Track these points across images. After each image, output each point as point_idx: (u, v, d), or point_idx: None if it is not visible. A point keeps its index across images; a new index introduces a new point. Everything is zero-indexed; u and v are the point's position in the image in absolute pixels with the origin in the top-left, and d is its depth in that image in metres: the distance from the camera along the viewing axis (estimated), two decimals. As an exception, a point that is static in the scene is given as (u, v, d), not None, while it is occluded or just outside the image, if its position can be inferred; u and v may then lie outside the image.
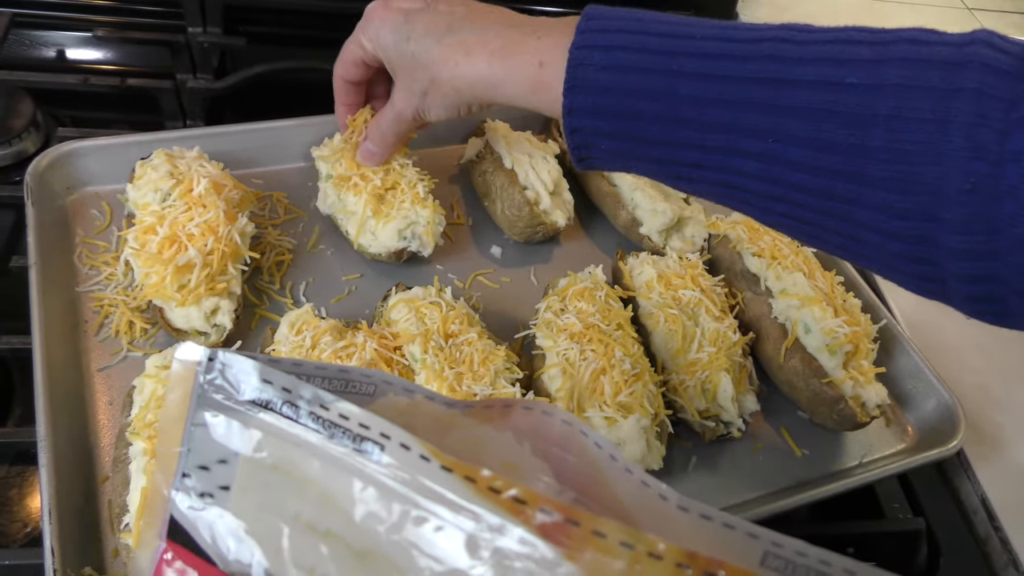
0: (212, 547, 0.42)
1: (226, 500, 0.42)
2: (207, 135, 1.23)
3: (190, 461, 0.43)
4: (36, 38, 1.51)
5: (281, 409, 0.42)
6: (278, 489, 0.42)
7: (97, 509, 0.90)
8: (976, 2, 2.15)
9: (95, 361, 1.02)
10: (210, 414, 0.43)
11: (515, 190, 1.20)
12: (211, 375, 0.43)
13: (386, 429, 0.41)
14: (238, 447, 0.43)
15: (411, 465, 0.40)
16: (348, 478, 0.41)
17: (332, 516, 0.41)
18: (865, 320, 1.11)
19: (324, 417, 0.42)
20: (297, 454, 0.42)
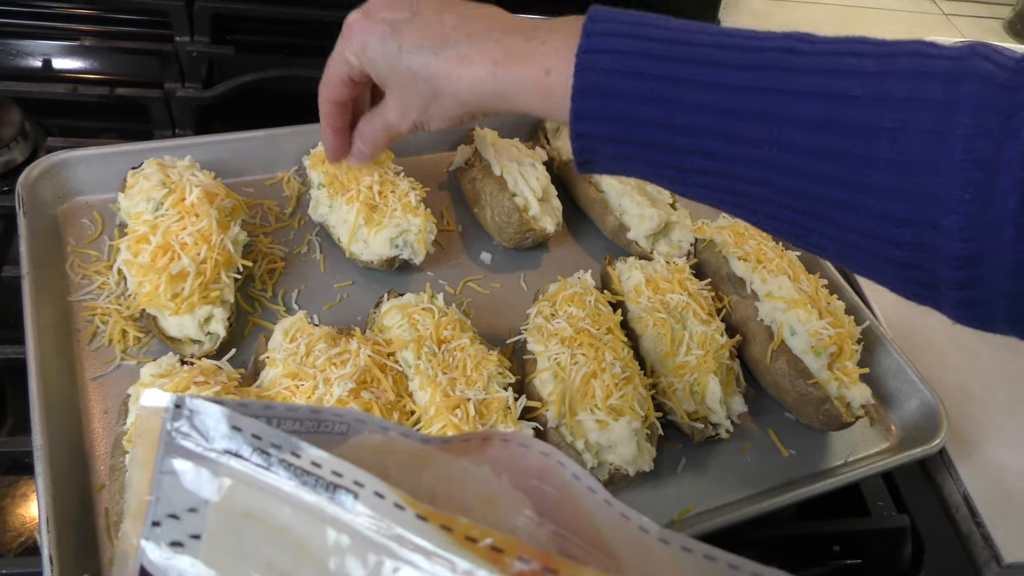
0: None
1: (197, 549, 0.41)
2: (198, 144, 1.24)
3: (159, 509, 0.42)
4: (23, 48, 1.50)
5: (251, 457, 0.41)
6: (250, 537, 0.41)
7: (94, 518, 0.90)
8: (953, 8, 2.19)
9: (89, 370, 1.02)
10: (178, 462, 0.42)
11: (504, 197, 1.22)
12: (178, 422, 0.42)
13: (359, 477, 0.40)
14: (208, 495, 0.42)
15: (386, 514, 0.39)
16: (322, 527, 0.40)
17: (306, 565, 0.40)
18: (849, 322, 1.13)
19: (296, 464, 0.41)
20: (269, 502, 0.41)
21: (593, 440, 0.97)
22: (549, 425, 0.98)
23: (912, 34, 1.94)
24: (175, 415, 0.42)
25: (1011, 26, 2.12)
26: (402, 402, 0.97)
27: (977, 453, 1.18)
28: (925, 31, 2.02)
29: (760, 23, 1.96)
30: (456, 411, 0.93)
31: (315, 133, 1.27)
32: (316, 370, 0.95)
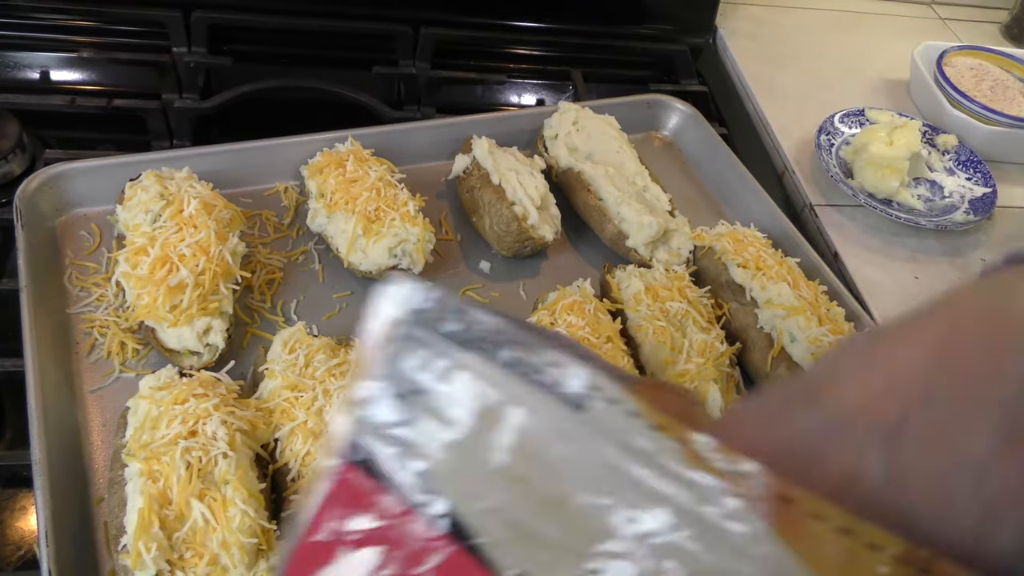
0: (395, 475, 0.42)
1: (416, 432, 0.42)
2: (195, 155, 1.24)
3: (384, 389, 0.42)
4: (21, 60, 1.51)
5: (487, 350, 0.42)
6: (472, 428, 0.41)
7: (93, 531, 0.90)
8: (949, 12, 2.19)
9: (87, 382, 1.02)
10: (412, 346, 0.42)
11: (503, 205, 1.22)
12: (419, 308, 0.42)
13: (596, 381, 0.41)
14: (435, 382, 0.42)
15: (619, 420, 0.40)
16: (549, 425, 0.40)
17: (526, 462, 0.40)
18: (849, 328, 1.13)
19: (531, 362, 0.41)
20: (497, 395, 0.41)
21: (594, 449, 0.96)
22: (549, 434, 0.98)
23: (909, 38, 1.94)
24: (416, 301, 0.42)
25: (1007, 30, 2.12)
26: (402, 413, 0.97)
27: (979, 459, 1.18)
28: (922, 35, 2.02)
29: (757, 29, 1.96)
30: (456, 421, 0.93)
31: (313, 143, 1.28)
32: (315, 381, 0.95)
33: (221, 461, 0.85)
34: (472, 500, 0.41)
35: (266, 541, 0.83)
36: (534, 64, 1.78)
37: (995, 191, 1.54)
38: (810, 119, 1.69)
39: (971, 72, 1.77)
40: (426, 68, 1.62)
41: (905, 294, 1.38)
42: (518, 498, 0.40)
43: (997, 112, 1.65)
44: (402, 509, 0.41)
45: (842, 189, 1.49)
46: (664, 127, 1.58)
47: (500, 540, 0.40)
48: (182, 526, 0.81)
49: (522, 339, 0.42)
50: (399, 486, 0.41)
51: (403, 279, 0.44)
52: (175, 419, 0.87)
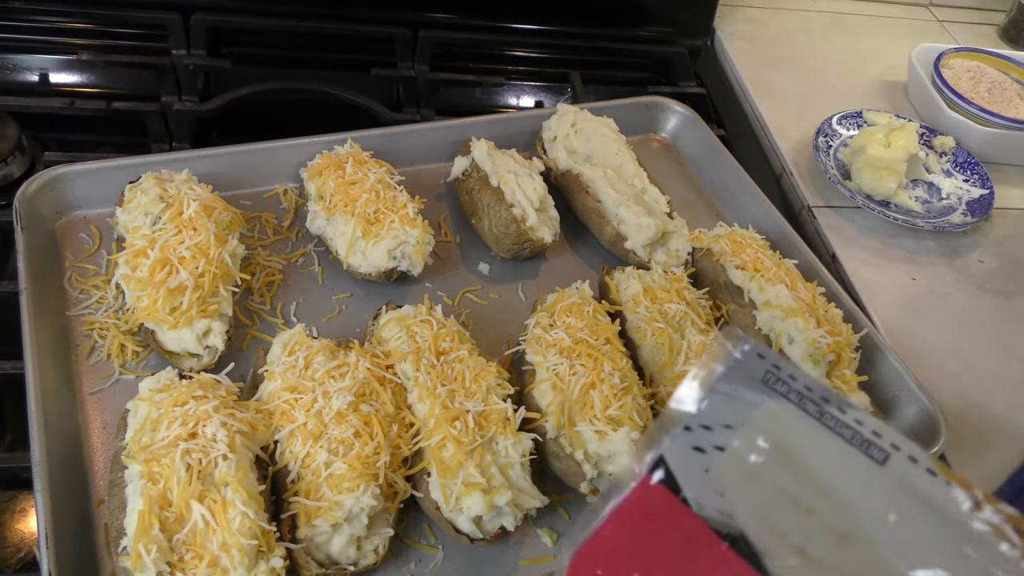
0: (692, 493, 0.48)
1: (715, 459, 0.48)
2: (195, 157, 1.24)
3: (698, 418, 0.49)
4: (20, 62, 1.51)
5: (799, 401, 0.48)
6: (771, 464, 0.47)
7: (93, 533, 0.90)
8: (947, 15, 2.19)
9: (87, 385, 1.02)
10: (731, 388, 0.49)
11: (502, 207, 1.22)
12: (743, 358, 0.50)
13: (897, 441, 0.47)
14: (745, 420, 0.48)
15: (917, 476, 0.45)
16: (847, 472, 0.46)
17: (820, 499, 0.46)
18: (847, 330, 1.13)
19: (839, 419, 0.48)
20: (800, 440, 0.47)
21: (592, 451, 0.97)
22: (548, 436, 0.98)
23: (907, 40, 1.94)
24: (742, 351, 0.50)
25: (1004, 32, 2.12)
26: (401, 414, 0.97)
27: (976, 459, 1.18)
28: (919, 37, 2.02)
29: (756, 31, 1.97)
30: (455, 423, 0.93)
31: (312, 145, 1.28)
32: (315, 383, 0.95)
33: (221, 463, 0.85)
34: (762, 524, 0.47)
35: (266, 543, 0.83)
36: (533, 66, 1.79)
37: (992, 193, 1.55)
38: (808, 121, 1.69)
39: (968, 74, 1.78)
40: (425, 70, 1.62)
41: (903, 295, 1.39)
42: (806, 527, 0.46)
43: (994, 114, 1.65)
44: (695, 524, 0.48)
45: (840, 191, 1.49)
46: (662, 129, 1.59)
47: (784, 562, 0.46)
48: (182, 528, 0.81)
49: (831, 397, 0.49)
50: (695, 503, 0.48)
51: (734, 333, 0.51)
52: (175, 421, 0.87)
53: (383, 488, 0.91)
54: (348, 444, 0.90)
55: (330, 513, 0.86)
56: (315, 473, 0.89)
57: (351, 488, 0.87)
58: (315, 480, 0.89)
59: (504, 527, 0.92)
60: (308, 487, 0.89)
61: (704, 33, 1.89)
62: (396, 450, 0.94)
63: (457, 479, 0.90)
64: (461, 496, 0.90)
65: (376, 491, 0.89)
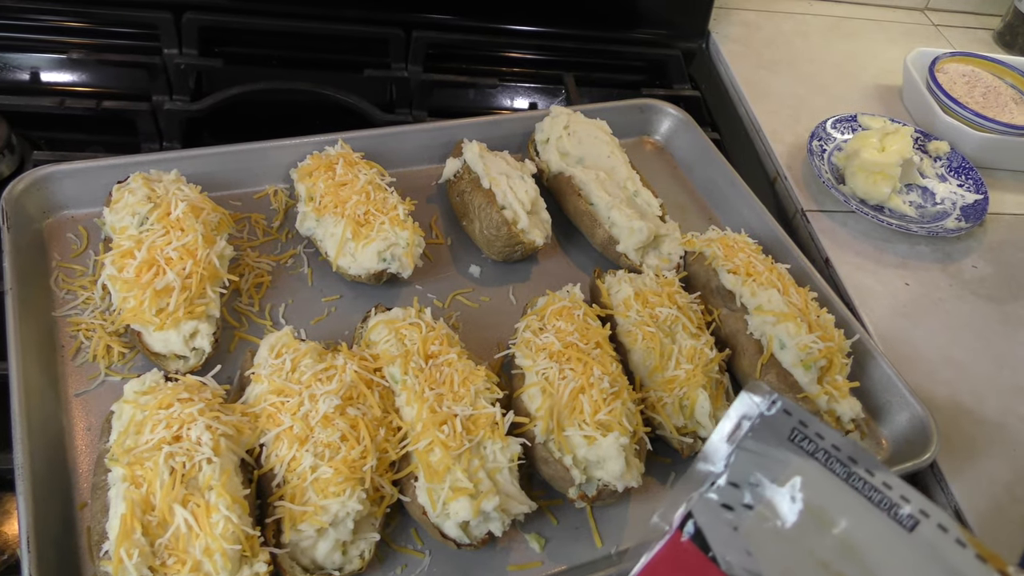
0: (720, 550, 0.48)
1: (744, 517, 0.48)
2: (184, 157, 1.23)
3: (726, 475, 0.49)
4: (10, 60, 1.50)
5: (827, 462, 0.48)
6: (801, 524, 0.48)
7: (76, 536, 0.89)
8: (943, 19, 2.19)
9: (72, 386, 1.02)
10: (758, 446, 0.49)
11: (493, 210, 1.21)
12: (771, 413, 0.50)
13: (926, 507, 0.46)
14: (773, 478, 0.49)
15: (946, 546, 0.45)
16: (876, 538, 0.46)
17: (848, 562, 0.46)
18: (839, 335, 1.13)
19: (868, 481, 0.48)
20: (830, 501, 0.47)
21: (581, 456, 0.96)
22: (537, 441, 0.97)
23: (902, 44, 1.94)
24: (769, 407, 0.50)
25: (1000, 37, 2.12)
26: (388, 418, 0.96)
27: (968, 466, 1.18)
28: (916, 42, 2.02)
29: (751, 34, 1.96)
30: (443, 427, 0.93)
31: (303, 146, 1.27)
32: (302, 386, 0.94)
33: (205, 466, 0.84)
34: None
35: (250, 547, 0.82)
36: (526, 68, 1.78)
37: (987, 198, 1.54)
38: (802, 124, 1.69)
39: (963, 78, 1.77)
40: (418, 71, 1.61)
41: (895, 300, 1.38)
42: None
43: (989, 119, 1.65)
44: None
45: (834, 195, 1.49)
46: (656, 132, 1.58)
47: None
48: (165, 532, 0.81)
49: (860, 457, 0.48)
50: (723, 561, 0.48)
51: (759, 387, 0.51)
52: (159, 424, 0.86)
53: (369, 492, 0.90)
54: (334, 448, 0.90)
55: (315, 518, 0.86)
56: (301, 477, 0.88)
57: (337, 492, 0.87)
58: (301, 484, 0.88)
59: (492, 532, 0.92)
60: (294, 491, 0.88)
61: (699, 36, 1.89)
62: (383, 454, 0.93)
63: (444, 484, 0.90)
64: (448, 501, 0.89)
65: (362, 495, 0.88)
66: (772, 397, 0.50)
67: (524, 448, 0.97)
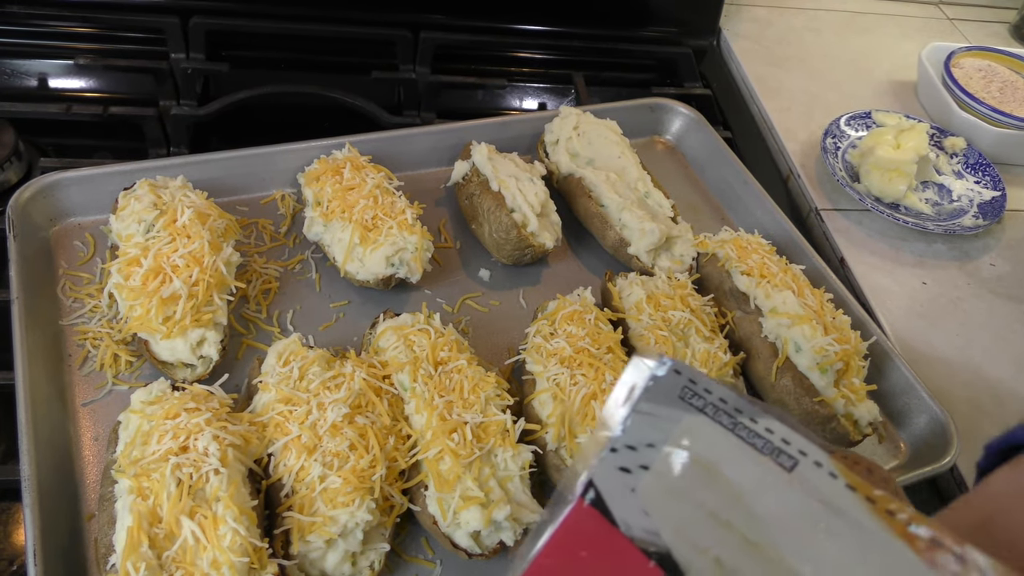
0: (620, 514, 0.49)
1: (643, 478, 0.49)
2: (191, 163, 1.22)
3: (622, 439, 0.50)
4: (17, 67, 1.50)
5: (715, 415, 0.50)
6: (692, 478, 0.49)
7: (83, 548, 0.89)
8: (958, 13, 2.16)
9: (80, 395, 1.01)
10: (651, 407, 0.51)
11: (502, 212, 1.20)
12: (660, 376, 0.51)
13: (804, 447, 0.48)
14: (666, 437, 0.50)
15: (820, 480, 0.47)
16: (760, 481, 0.48)
17: (735, 509, 0.48)
18: (855, 337, 1.11)
19: (752, 428, 0.49)
20: (718, 453, 0.49)
21: (594, 463, 0.94)
22: (548, 448, 0.96)
23: (916, 39, 1.91)
24: (659, 369, 0.51)
25: (1016, 30, 2.09)
26: (398, 426, 0.95)
27: (989, 469, 1.15)
28: (929, 36, 1.99)
29: (762, 31, 1.94)
30: (453, 435, 0.91)
31: (310, 150, 1.26)
32: (310, 394, 0.93)
33: (212, 477, 0.83)
34: (684, 540, 0.48)
35: (258, 560, 0.81)
36: (535, 68, 1.77)
37: (1004, 195, 1.52)
38: (816, 122, 1.66)
39: (979, 73, 1.74)
40: (426, 73, 1.60)
41: (913, 300, 1.36)
42: (724, 540, 0.48)
43: (1006, 114, 1.62)
44: (625, 544, 0.49)
45: (848, 193, 1.46)
46: (667, 131, 1.56)
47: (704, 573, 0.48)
48: (172, 544, 0.79)
49: (745, 408, 0.50)
50: (624, 524, 0.49)
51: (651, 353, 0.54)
52: (166, 434, 0.85)
53: (379, 502, 0.89)
54: (343, 457, 0.88)
55: (324, 528, 0.84)
56: (309, 487, 0.87)
57: (346, 502, 0.85)
58: (309, 494, 0.87)
59: (503, 542, 0.90)
60: (302, 501, 0.87)
61: (710, 33, 1.86)
62: (392, 463, 0.92)
63: (455, 493, 0.88)
64: (459, 510, 0.88)
65: (371, 505, 0.87)
66: (662, 359, 0.51)
67: (536, 456, 0.95)
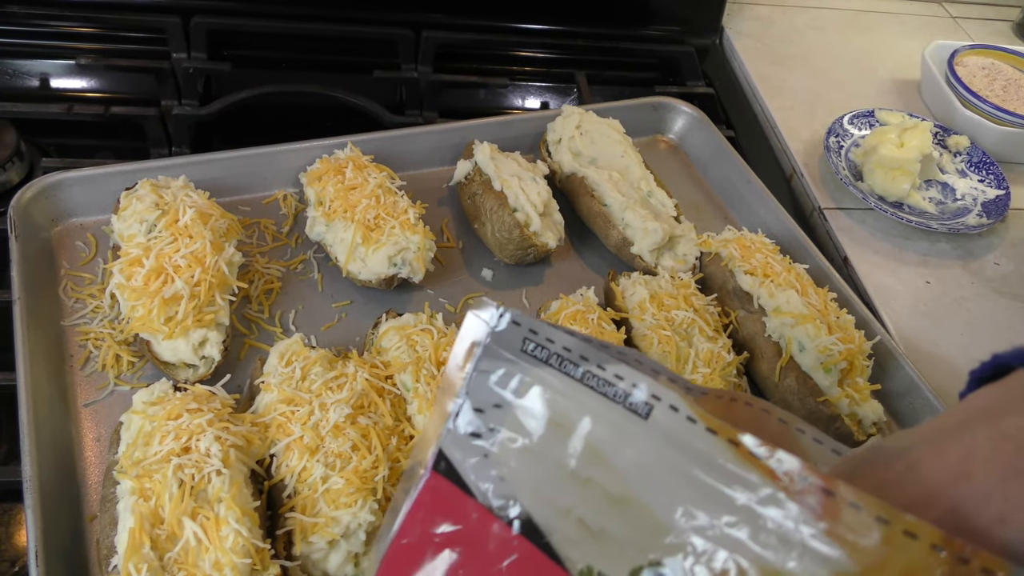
0: (474, 481, 0.46)
1: (494, 441, 0.47)
2: (192, 163, 1.22)
3: (467, 403, 0.47)
4: (19, 67, 1.49)
5: (560, 365, 0.46)
6: (546, 436, 0.46)
7: (85, 549, 0.88)
8: (960, 11, 2.15)
9: (81, 396, 1.01)
10: (493, 364, 0.47)
11: (505, 212, 1.19)
12: (499, 328, 0.48)
13: (657, 391, 0.45)
14: (513, 395, 0.47)
15: (678, 425, 0.44)
16: (615, 432, 0.45)
17: (595, 465, 0.45)
18: (859, 337, 1.10)
19: (600, 376, 0.46)
20: (569, 406, 0.46)
21: (597, 463, 0.94)
22: (552, 448, 0.95)
23: (920, 38, 1.91)
24: (497, 323, 0.48)
25: (1019, 28, 2.08)
26: (400, 426, 0.95)
27: (994, 469, 1.15)
28: (933, 34, 1.99)
29: (764, 29, 1.94)
30: (456, 436, 0.91)
31: (312, 150, 1.26)
32: (312, 395, 0.93)
33: (214, 478, 0.83)
34: (544, 502, 0.45)
35: (260, 561, 0.81)
36: (537, 67, 1.76)
37: (1008, 193, 1.51)
38: (819, 120, 1.66)
39: (983, 72, 1.74)
40: (428, 72, 1.60)
41: (916, 299, 1.35)
42: (586, 499, 0.45)
43: (1010, 112, 1.62)
44: (481, 513, 0.46)
45: (852, 192, 1.46)
46: (670, 130, 1.56)
47: (570, 538, 0.45)
48: (174, 546, 0.79)
49: (591, 355, 0.46)
50: (479, 492, 0.46)
51: (485, 304, 0.49)
52: (168, 435, 0.85)
53: (382, 503, 0.88)
54: (346, 458, 0.88)
55: (327, 529, 0.84)
56: (312, 488, 0.87)
57: (348, 503, 0.85)
58: (312, 495, 0.86)
59: (506, 543, 0.90)
60: (304, 502, 0.86)
61: (712, 32, 1.86)
62: (395, 463, 0.91)
63: (457, 494, 0.88)
64: (461, 511, 0.88)
65: (375, 506, 0.86)
66: (499, 311, 0.48)
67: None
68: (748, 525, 0.42)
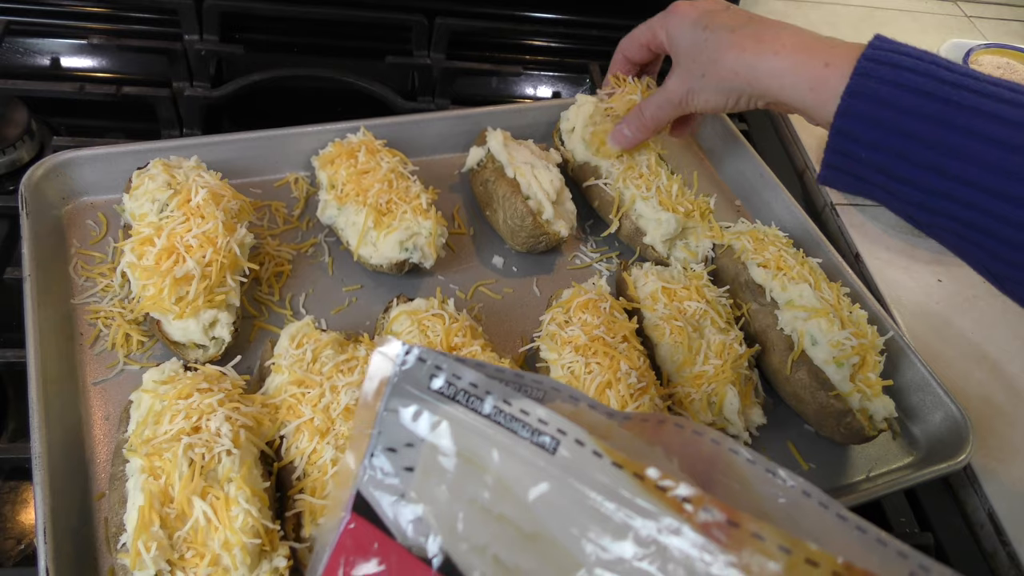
0: (393, 522, 0.47)
1: (409, 480, 0.47)
2: (204, 144, 1.22)
3: (380, 443, 0.48)
4: (31, 46, 1.49)
5: (468, 402, 0.47)
6: (458, 474, 0.46)
7: (93, 527, 0.88)
8: (975, 10, 2.14)
9: (91, 374, 1.00)
10: (402, 402, 0.48)
11: (517, 200, 1.19)
12: (406, 367, 0.48)
13: (563, 426, 0.46)
14: (424, 433, 0.47)
15: (584, 460, 0.45)
16: (524, 468, 0.45)
17: (506, 501, 0.45)
18: (872, 332, 1.10)
19: (506, 411, 0.46)
20: (478, 443, 0.46)
21: (607, 452, 0.94)
22: (562, 436, 0.95)
23: (934, 36, 1.90)
24: (404, 361, 0.48)
25: (1035, 28, 2.08)
26: (411, 411, 0.94)
27: (1002, 468, 1.15)
28: (948, 33, 1.98)
29: (778, 24, 1.92)
30: (466, 421, 0.90)
31: (325, 133, 1.25)
32: (323, 377, 0.92)
33: (224, 458, 0.82)
34: (461, 540, 0.46)
35: (269, 541, 0.80)
36: (551, 56, 1.75)
37: (1022, 192, 1.50)
38: (832, 116, 1.65)
39: (998, 71, 1.73)
40: (441, 59, 1.59)
41: (928, 297, 1.35)
42: (500, 536, 0.45)
43: (1025, 111, 1.60)
44: (401, 554, 0.46)
45: (865, 188, 1.45)
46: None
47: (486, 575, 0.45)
48: (183, 525, 0.79)
49: (497, 390, 0.47)
50: (398, 532, 0.46)
51: (389, 341, 0.49)
52: (178, 414, 0.85)
53: (391, 487, 0.88)
54: (355, 441, 0.88)
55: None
56: (321, 470, 0.86)
57: (358, 487, 0.85)
58: (321, 477, 0.86)
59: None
60: (314, 484, 0.86)
61: (726, 25, 1.85)
62: (405, 448, 0.91)
63: (467, 479, 0.88)
64: (471, 497, 0.87)
65: (383, 490, 0.86)
66: (405, 348, 0.48)
67: (549, 444, 0.94)
68: (657, 558, 0.42)
